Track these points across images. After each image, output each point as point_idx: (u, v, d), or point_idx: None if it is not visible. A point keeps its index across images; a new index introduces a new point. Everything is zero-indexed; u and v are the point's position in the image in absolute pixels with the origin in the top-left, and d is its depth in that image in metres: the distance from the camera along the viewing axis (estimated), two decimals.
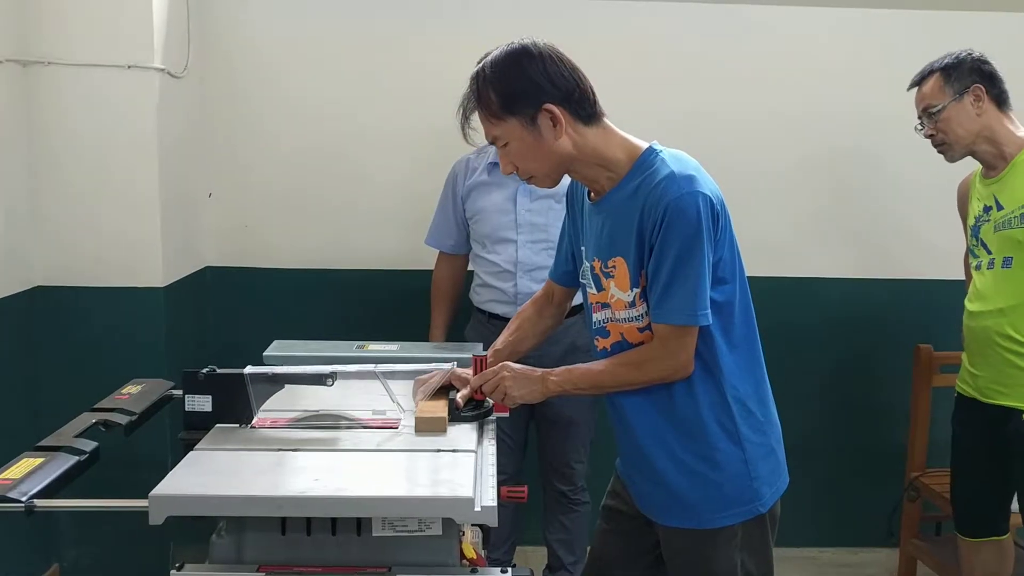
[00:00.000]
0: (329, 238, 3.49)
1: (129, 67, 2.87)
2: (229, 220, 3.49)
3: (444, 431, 1.79)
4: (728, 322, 1.84)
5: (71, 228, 2.93)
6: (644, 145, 1.86)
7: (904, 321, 3.54)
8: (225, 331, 3.49)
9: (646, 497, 1.94)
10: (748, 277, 1.93)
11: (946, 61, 2.55)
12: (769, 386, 1.94)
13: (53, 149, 2.89)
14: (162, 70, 2.95)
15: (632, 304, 1.83)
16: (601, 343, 1.92)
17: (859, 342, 3.68)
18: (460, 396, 1.90)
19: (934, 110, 2.54)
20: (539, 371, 1.90)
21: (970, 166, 2.67)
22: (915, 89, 2.61)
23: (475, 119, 1.84)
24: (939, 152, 2.60)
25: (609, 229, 1.85)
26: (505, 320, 2.85)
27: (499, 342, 2.13)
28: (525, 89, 1.76)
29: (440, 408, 1.87)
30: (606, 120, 1.86)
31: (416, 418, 1.81)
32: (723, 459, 1.84)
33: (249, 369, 1.83)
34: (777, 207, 3.59)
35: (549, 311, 2.18)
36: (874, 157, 3.48)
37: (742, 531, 1.87)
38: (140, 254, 2.96)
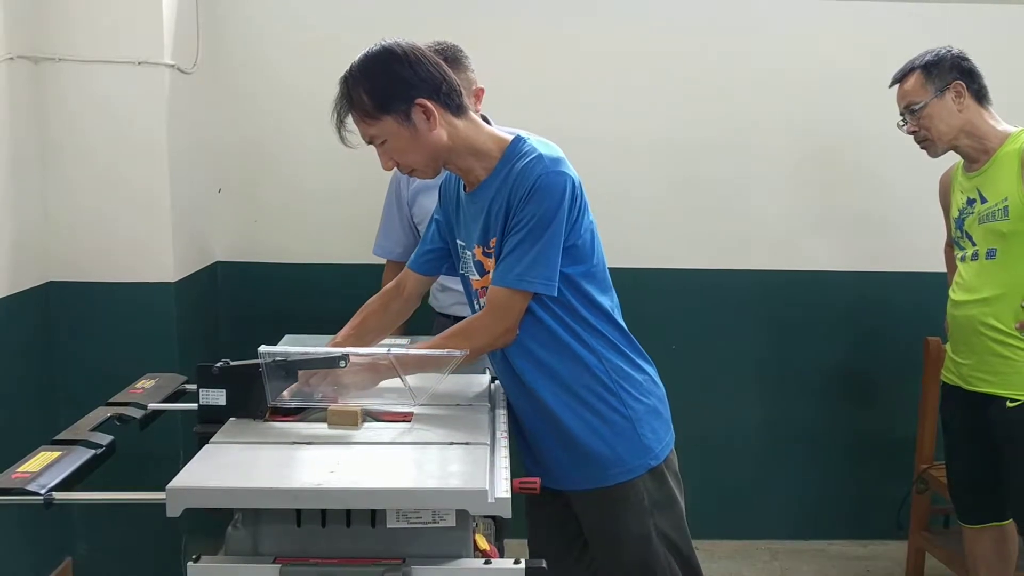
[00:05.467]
0: (339, 232, 3.50)
1: (139, 63, 2.88)
2: (239, 215, 3.51)
3: (356, 425, 1.77)
4: (591, 298, 1.96)
5: (82, 223, 2.94)
6: (511, 136, 1.94)
7: (913, 314, 3.54)
8: (236, 326, 3.50)
9: (547, 468, 2.00)
10: (760, 271, 1.95)
11: (927, 58, 2.58)
12: (645, 353, 2.06)
13: (64, 145, 2.91)
14: (172, 66, 2.97)
15: None
16: None
17: (868, 335, 3.68)
18: (289, 390, 1.85)
19: (916, 107, 2.57)
20: (368, 359, 1.91)
21: (952, 158, 2.69)
22: (896, 86, 2.64)
23: (350, 122, 1.90)
24: (922, 148, 2.65)
25: (486, 215, 1.93)
26: None
27: (339, 336, 2.13)
28: (395, 87, 1.84)
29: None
30: (472, 114, 1.94)
31: (329, 411, 1.80)
32: (610, 423, 1.95)
33: (263, 348, 1.84)
34: (786, 199, 3.60)
35: (397, 304, 2.21)
36: (884, 146, 3.48)
37: (645, 491, 1.97)
38: (151, 249, 2.97)
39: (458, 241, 2.06)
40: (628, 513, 1.97)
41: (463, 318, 2.86)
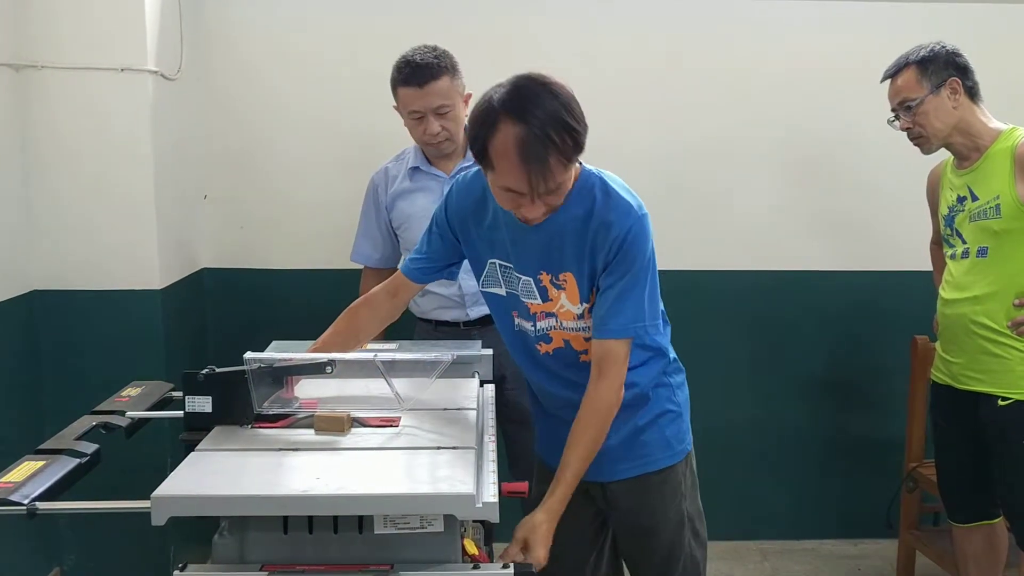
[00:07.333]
0: (325, 238, 3.48)
1: (122, 70, 2.87)
2: (225, 222, 3.49)
3: (343, 431, 1.77)
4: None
5: (67, 231, 2.93)
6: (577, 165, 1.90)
7: (901, 313, 3.55)
8: (222, 333, 3.49)
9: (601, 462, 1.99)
10: (746, 271, 1.97)
11: (922, 54, 2.53)
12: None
13: (47, 153, 2.89)
14: (155, 72, 2.95)
15: (581, 316, 1.94)
16: (544, 348, 2.01)
17: (856, 334, 3.69)
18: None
19: (911, 103, 2.53)
20: (538, 514, 1.80)
21: (940, 156, 2.68)
22: (888, 82, 2.61)
23: None
24: (915, 144, 2.61)
25: (558, 245, 1.90)
26: (455, 325, 2.86)
27: (320, 341, 2.09)
28: (582, 126, 1.76)
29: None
30: None
31: (316, 416, 1.79)
32: (663, 412, 2.07)
33: (249, 355, 1.83)
34: (773, 200, 3.60)
35: (385, 310, 2.18)
36: (870, 147, 3.49)
37: (682, 476, 2.09)
38: (136, 257, 2.95)
39: (496, 260, 1.99)
40: (667, 497, 2.06)
41: (444, 322, 2.89)
